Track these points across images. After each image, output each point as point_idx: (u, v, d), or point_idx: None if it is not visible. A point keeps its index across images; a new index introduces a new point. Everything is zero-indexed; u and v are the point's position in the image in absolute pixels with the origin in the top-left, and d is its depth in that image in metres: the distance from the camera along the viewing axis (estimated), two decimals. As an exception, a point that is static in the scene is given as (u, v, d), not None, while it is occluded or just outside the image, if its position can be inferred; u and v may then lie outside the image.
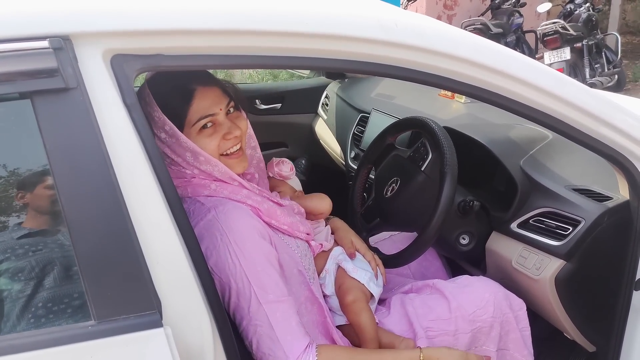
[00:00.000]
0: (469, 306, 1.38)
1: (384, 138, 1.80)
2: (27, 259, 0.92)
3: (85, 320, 0.84)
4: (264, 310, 1.07)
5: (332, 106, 2.73)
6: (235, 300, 1.08)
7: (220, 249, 1.08)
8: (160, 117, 1.12)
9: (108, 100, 0.84)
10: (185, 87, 1.17)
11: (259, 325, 1.07)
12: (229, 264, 1.07)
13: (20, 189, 0.92)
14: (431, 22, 1.11)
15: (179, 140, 1.14)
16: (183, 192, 1.18)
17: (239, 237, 1.09)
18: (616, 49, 5.66)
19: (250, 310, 1.07)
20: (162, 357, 0.85)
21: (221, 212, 1.11)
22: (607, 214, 1.36)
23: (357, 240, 1.49)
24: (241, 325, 1.09)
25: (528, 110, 1.15)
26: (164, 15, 0.86)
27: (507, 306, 1.40)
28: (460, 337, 1.36)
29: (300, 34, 0.95)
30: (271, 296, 1.08)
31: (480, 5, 6.64)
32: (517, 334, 1.41)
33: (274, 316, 1.07)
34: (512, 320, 1.40)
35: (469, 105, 2.16)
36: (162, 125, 1.13)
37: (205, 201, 1.16)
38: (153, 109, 1.13)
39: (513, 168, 1.59)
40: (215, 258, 1.08)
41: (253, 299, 1.07)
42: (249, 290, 1.07)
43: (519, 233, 1.53)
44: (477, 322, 1.36)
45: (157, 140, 1.14)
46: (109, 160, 0.84)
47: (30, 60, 0.78)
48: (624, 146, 1.23)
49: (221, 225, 1.09)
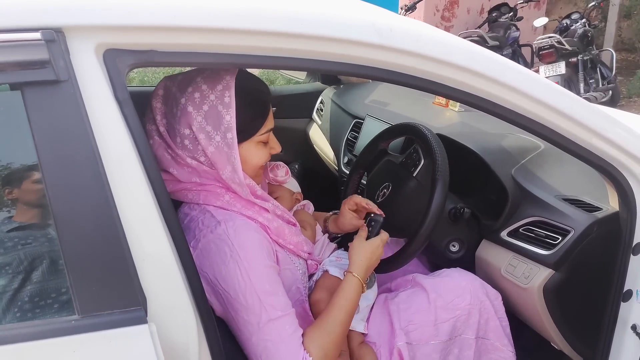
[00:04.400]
0: (447, 295, 1.41)
1: (376, 143, 1.80)
2: (10, 254, 0.91)
3: (69, 315, 0.83)
4: (275, 326, 1.07)
5: (327, 112, 2.73)
6: (244, 317, 1.07)
7: (230, 265, 1.07)
8: (230, 122, 1.10)
9: (99, 95, 0.83)
10: (265, 100, 1.20)
11: (269, 340, 1.06)
12: (238, 281, 1.07)
13: (9, 182, 0.91)
14: (427, 28, 1.11)
15: (230, 152, 1.11)
16: (194, 197, 1.18)
17: (250, 255, 1.09)
18: (611, 65, 5.70)
19: (260, 326, 1.06)
20: (146, 353, 0.84)
21: (231, 228, 1.11)
22: (596, 224, 1.37)
23: (361, 199, 1.50)
24: (250, 341, 1.08)
25: (521, 119, 1.16)
26: (158, 11, 0.86)
27: (484, 294, 1.44)
28: (440, 326, 1.38)
29: (296, 35, 0.95)
30: (279, 312, 1.08)
31: (477, 18, 6.69)
32: (496, 322, 1.43)
33: (285, 330, 1.08)
34: (490, 308, 1.43)
35: (462, 113, 2.17)
36: (224, 131, 1.10)
37: (216, 213, 1.15)
38: (227, 111, 1.10)
39: (504, 177, 1.60)
40: (224, 273, 1.08)
41: (264, 315, 1.07)
42: (259, 307, 1.07)
43: (509, 241, 1.54)
44: (455, 310, 1.39)
45: (189, 139, 1.12)
46: (99, 154, 0.83)
47: (22, 51, 0.77)
48: (615, 158, 1.24)
49: (231, 241, 1.09)
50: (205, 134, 1.10)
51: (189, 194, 1.18)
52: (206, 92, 1.10)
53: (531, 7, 7.03)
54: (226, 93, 1.10)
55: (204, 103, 1.10)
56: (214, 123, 1.10)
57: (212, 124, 1.10)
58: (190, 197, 1.18)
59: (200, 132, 1.10)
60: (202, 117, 1.10)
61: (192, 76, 1.13)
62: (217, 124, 1.10)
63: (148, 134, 1.15)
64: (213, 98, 1.10)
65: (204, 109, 1.10)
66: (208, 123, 1.10)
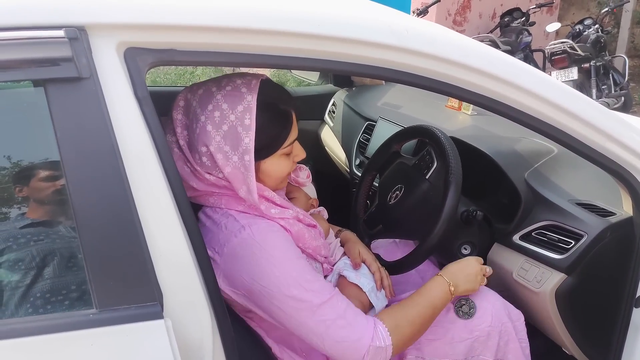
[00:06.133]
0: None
1: (389, 145, 1.81)
2: (30, 248, 0.93)
3: (87, 308, 0.85)
4: (330, 304, 1.10)
5: (339, 114, 2.74)
6: (294, 305, 1.08)
7: (265, 266, 1.08)
8: (249, 144, 1.08)
9: (120, 92, 0.85)
10: (286, 110, 1.17)
11: (328, 318, 1.09)
12: (277, 278, 1.08)
13: (29, 177, 0.93)
14: (442, 30, 1.12)
15: (247, 174, 1.09)
16: (216, 202, 1.17)
17: (283, 252, 1.11)
18: (624, 71, 5.66)
19: (314, 310, 1.08)
20: (161, 348, 0.85)
21: (257, 231, 1.11)
22: (609, 229, 1.36)
23: (365, 252, 1.49)
24: (306, 325, 1.09)
25: (535, 121, 1.16)
26: (179, 10, 0.87)
27: (506, 315, 1.40)
28: (457, 345, 1.36)
29: (312, 36, 0.96)
30: (327, 294, 1.10)
31: (489, 23, 6.66)
32: (516, 344, 1.40)
33: (339, 307, 1.11)
34: (511, 330, 1.40)
35: (475, 117, 2.17)
36: (242, 153, 1.08)
37: (239, 217, 1.15)
38: (247, 134, 1.08)
39: (517, 180, 1.59)
40: (259, 273, 1.08)
41: (315, 300, 1.09)
42: (307, 295, 1.08)
43: (521, 245, 1.53)
44: (474, 332, 1.36)
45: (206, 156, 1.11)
46: (118, 151, 0.84)
47: (46, 48, 0.79)
48: (629, 162, 1.24)
49: (259, 243, 1.09)
50: (223, 154, 1.09)
51: (210, 198, 1.18)
52: (226, 111, 1.08)
53: (543, 13, 7.00)
54: (247, 115, 1.08)
55: (223, 123, 1.08)
56: (232, 143, 1.09)
57: (231, 144, 1.09)
58: (212, 201, 1.18)
59: (218, 152, 1.09)
60: (220, 137, 1.08)
61: (213, 92, 1.11)
62: (236, 144, 1.08)
63: (168, 144, 1.14)
64: (233, 118, 1.08)
65: (223, 129, 1.08)
66: (226, 143, 1.09)
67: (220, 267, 1.12)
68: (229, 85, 1.11)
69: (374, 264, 1.46)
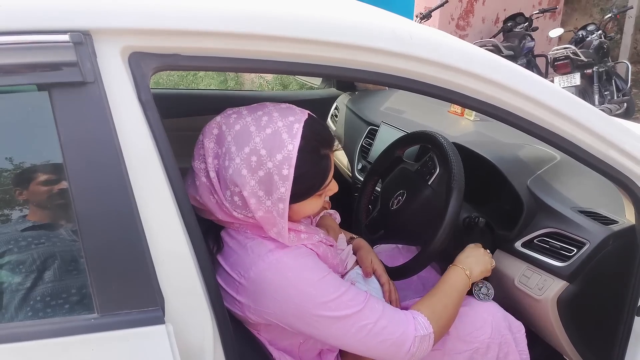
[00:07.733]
0: (466, 326, 1.37)
1: (392, 151, 1.81)
2: (31, 251, 0.92)
3: (88, 313, 0.85)
4: (368, 310, 1.10)
5: (342, 118, 2.74)
6: (331, 314, 1.07)
7: (298, 286, 1.07)
8: (285, 194, 1.03)
9: (124, 96, 0.85)
10: (326, 155, 1.11)
11: (369, 322, 1.09)
12: (315, 297, 1.07)
13: (32, 180, 0.93)
14: (446, 37, 1.12)
15: (279, 220, 1.05)
16: (240, 227, 1.13)
17: (314, 271, 1.10)
18: (626, 78, 5.65)
19: (353, 317, 1.08)
20: (162, 353, 0.85)
21: (285, 255, 1.09)
22: (612, 237, 1.36)
23: (377, 262, 1.47)
24: (349, 332, 1.09)
25: (538, 129, 1.16)
26: (183, 15, 0.87)
27: (506, 327, 1.39)
28: (455, 356, 1.35)
29: (317, 42, 0.96)
30: (362, 300, 1.11)
31: (492, 27, 6.66)
32: (516, 356, 1.39)
33: (376, 308, 1.12)
34: (511, 341, 1.39)
35: (478, 123, 2.17)
36: (276, 201, 1.03)
37: (265, 240, 1.11)
38: (284, 184, 1.02)
39: (520, 187, 1.59)
40: (293, 296, 1.06)
41: (354, 308, 1.08)
42: (344, 305, 1.08)
43: (523, 252, 1.53)
44: (473, 343, 1.35)
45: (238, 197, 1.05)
46: (122, 155, 0.84)
47: (51, 53, 0.79)
48: (632, 170, 1.24)
49: (289, 267, 1.08)
50: (256, 198, 1.04)
51: (235, 223, 1.14)
52: (264, 158, 1.01)
53: (546, 18, 7.00)
54: (285, 165, 1.01)
55: (260, 168, 1.02)
56: (266, 189, 1.03)
57: (265, 189, 1.03)
58: (237, 226, 1.14)
59: (252, 197, 1.03)
60: (255, 182, 1.02)
61: (251, 132, 1.03)
62: (270, 191, 1.03)
63: (195, 171, 1.09)
64: (271, 166, 1.01)
65: (259, 174, 1.02)
66: (261, 188, 1.03)
67: (248, 290, 1.09)
68: (269, 127, 1.03)
69: (384, 276, 1.45)
